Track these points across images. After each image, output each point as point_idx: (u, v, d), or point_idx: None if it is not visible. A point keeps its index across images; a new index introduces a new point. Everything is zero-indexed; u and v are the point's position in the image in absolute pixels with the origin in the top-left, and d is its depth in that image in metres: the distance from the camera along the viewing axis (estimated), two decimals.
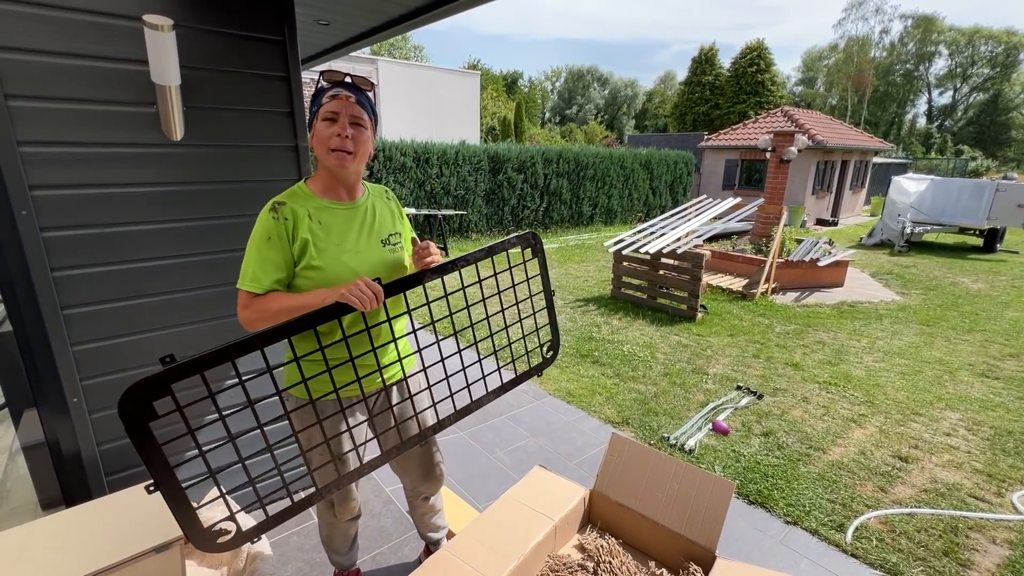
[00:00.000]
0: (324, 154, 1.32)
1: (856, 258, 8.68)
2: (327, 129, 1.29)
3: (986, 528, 2.33)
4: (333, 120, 1.29)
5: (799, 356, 4.39)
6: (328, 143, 1.29)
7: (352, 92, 1.31)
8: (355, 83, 1.33)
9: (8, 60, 1.48)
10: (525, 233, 1.50)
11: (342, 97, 1.29)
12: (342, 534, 1.73)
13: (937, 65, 41.93)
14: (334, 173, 1.35)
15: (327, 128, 1.29)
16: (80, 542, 1.40)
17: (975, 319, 5.63)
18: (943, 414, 3.43)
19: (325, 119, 1.30)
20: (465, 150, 10.23)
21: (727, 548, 2.14)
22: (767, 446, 2.97)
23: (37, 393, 1.71)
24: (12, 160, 1.51)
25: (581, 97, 49.97)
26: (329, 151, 1.30)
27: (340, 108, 1.29)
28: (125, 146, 1.70)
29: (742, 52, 29.32)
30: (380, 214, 1.46)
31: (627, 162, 13.32)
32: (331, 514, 1.65)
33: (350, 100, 1.30)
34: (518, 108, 26.91)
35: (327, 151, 1.30)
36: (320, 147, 1.32)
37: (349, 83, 1.33)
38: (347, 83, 1.32)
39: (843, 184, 15.85)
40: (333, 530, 1.71)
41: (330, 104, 1.29)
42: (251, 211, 2.00)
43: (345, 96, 1.30)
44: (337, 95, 1.30)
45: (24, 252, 1.57)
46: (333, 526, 1.69)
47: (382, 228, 1.45)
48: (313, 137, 1.33)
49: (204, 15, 1.76)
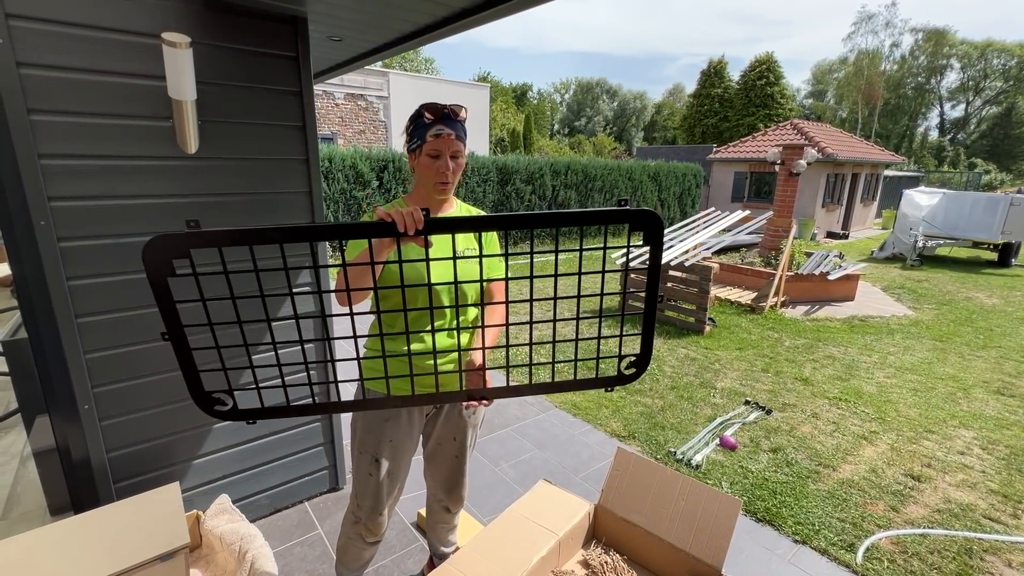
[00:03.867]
0: (429, 184, 1.45)
1: (867, 272, 8.59)
2: (432, 165, 1.42)
3: (1002, 551, 2.28)
4: (436, 157, 1.41)
5: (809, 371, 4.34)
6: (434, 178, 1.43)
7: (452, 128, 1.41)
8: (452, 115, 1.42)
9: (31, 76, 1.52)
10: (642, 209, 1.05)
11: (444, 136, 1.39)
12: (358, 554, 1.72)
13: (949, 78, 41.75)
14: (430, 195, 1.48)
15: (432, 164, 1.42)
16: (86, 549, 1.41)
17: (990, 335, 5.54)
18: (957, 432, 3.37)
19: (430, 155, 1.42)
20: (474, 161, 10.32)
21: (734, 567, 2.11)
22: (776, 462, 2.93)
23: (49, 399, 1.74)
24: (33, 172, 1.55)
25: (590, 109, 50.24)
26: (434, 183, 1.44)
27: (443, 147, 1.41)
28: (141, 159, 1.75)
29: (751, 65, 29.40)
30: None
31: (635, 174, 13.35)
32: (355, 531, 1.66)
33: (451, 138, 1.40)
34: (527, 120, 27.12)
35: (432, 183, 1.44)
36: (425, 178, 1.45)
37: (448, 119, 1.41)
38: (446, 120, 1.41)
39: (854, 197, 15.74)
40: (351, 545, 1.70)
41: (434, 143, 1.40)
42: (263, 222, 2.04)
43: (447, 135, 1.40)
44: (440, 135, 1.39)
45: (41, 261, 1.61)
46: (353, 542, 1.69)
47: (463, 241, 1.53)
48: (417, 164, 1.46)
49: (221, 33, 1.81)
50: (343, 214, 8.73)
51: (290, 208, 2.10)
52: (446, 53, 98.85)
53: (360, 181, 8.84)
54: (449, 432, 1.68)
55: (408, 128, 1.48)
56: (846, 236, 14.70)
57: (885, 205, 18.63)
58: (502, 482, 2.72)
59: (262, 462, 2.25)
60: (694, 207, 15.14)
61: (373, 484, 1.56)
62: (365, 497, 1.59)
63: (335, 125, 14.51)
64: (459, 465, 1.75)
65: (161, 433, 1.96)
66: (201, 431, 2.06)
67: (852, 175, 15.31)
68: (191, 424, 2.02)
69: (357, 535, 1.66)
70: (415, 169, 1.48)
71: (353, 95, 14.66)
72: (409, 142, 1.47)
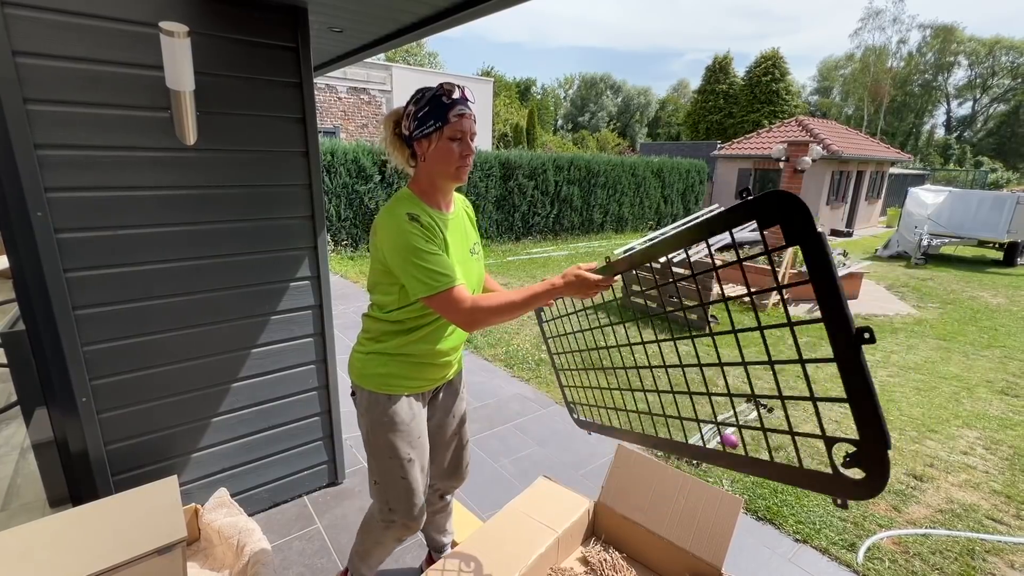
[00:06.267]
0: (449, 170, 1.33)
1: (871, 270, 8.54)
2: (454, 149, 1.31)
3: (1004, 551, 2.26)
4: (459, 140, 1.31)
5: (811, 368, 4.32)
6: (455, 162, 1.32)
7: (471, 110, 1.33)
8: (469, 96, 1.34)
9: (28, 65, 1.51)
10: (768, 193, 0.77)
11: (467, 115, 1.31)
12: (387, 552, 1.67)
13: (956, 76, 41.37)
14: (443, 186, 1.38)
15: (453, 148, 1.31)
16: (84, 542, 1.41)
17: (994, 335, 5.50)
18: (960, 432, 3.34)
19: (454, 138, 1.30)
20: (477, 156, 10.28)
21: (734, 565, 2.10)
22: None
23: (47, 392, 1.73)
24: (29, 162, 1.54)
25: (594, 104, 50.00)
26: (455, 168, 1.33)
27: (467, 128, 1.31)
28: (139, 150, 1.73)
29: (757, 61, 29.21)
30: (465, 224, 1.51)
31: (639, 170, 13.29)
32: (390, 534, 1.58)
33: (471, 118, 1.32)
34: (531, 115, 27.04)
35: (454, 168, 1.33)
36: (445, 164, 1.32)
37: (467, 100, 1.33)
38: (466, 100, 1.32)
39: (858, 195, 15.65)
40: (382, 548, 1.64)
41: (458, 123, 1.29)
42: (261, 215, 2.02)
43: (469, 115, 1.31)
44: (464, 113, 1.30)
45: (38, 253, 1.60)
46: (384, 546, 1.63)
47: (468, 238, 1.50)
48: (434, 150, 1.32)
49: (220, 23, 1.79)
50: (345, 208, 8.72)
51: (290, 201, 2.08)
52: (450, 47, 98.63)
53: (362, 175, 8.83)
54: (448, 408, 1.66)
55: (419, 110, 1.32)
56: (850, 234, 14.62)
57: (890, 203, 18.53)
58: (502, 478, 2.71)
59: (261, 456, 2.25)
60: (698, 204, 15.07)
61: (405, 484, 1.48)
62: (399, 500, 1.49)
63: (338, 119, 14.47)
64: (463, 439, 1.74)
65: (159, 426, 1.95)
66: (200, 424, 2.05)
67: (857, 172, 15.21)
68: (190, 417, 2.02)
69: (393, 538, 1.60)
70: (426, 156, 1.34)
71: (356, 89, 14.61)
72: (422, 126, 1.32)
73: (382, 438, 1.45)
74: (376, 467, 1.50)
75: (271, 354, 2.16)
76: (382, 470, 1.48)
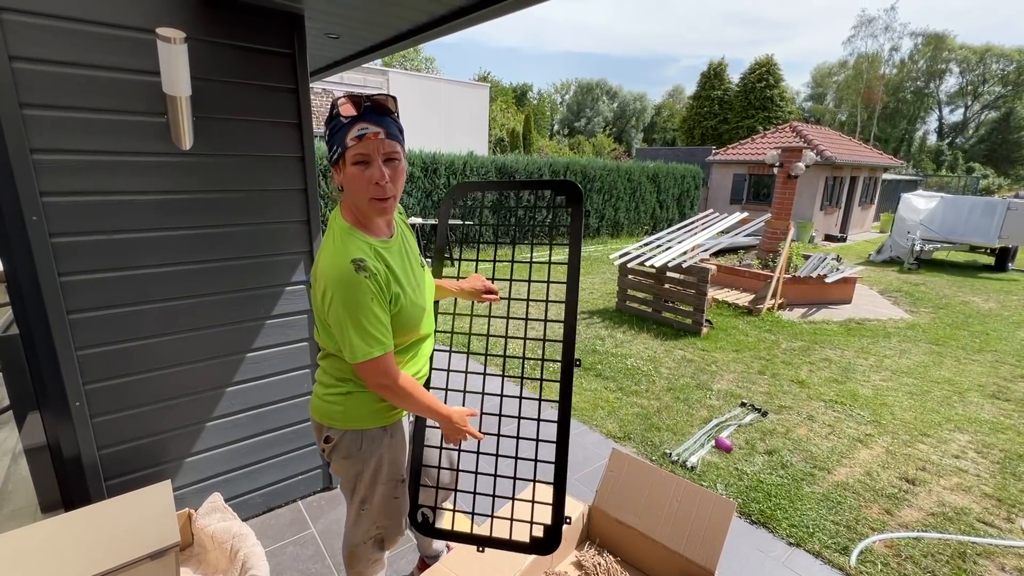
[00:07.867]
0: (363, 202, 1.16)
1: (864, 275, 8.59)
2: (362, 174, 1.12)
3: (995, 554, 2.28)
4: (366, 163, 1.12)
5: (805, 373, 4.34)
6: (366, 192, 1.13)
7: (379, 126, 1.11)
8: (377, 108, 1.12)
9: (25, 70, 1.51)
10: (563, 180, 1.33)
11: (370, 136, 1.10)
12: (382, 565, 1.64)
13: (948, 83, 41.82)
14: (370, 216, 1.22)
15: (361, 173, 1.12)
16: (76, 547, 1.40)
17: (986, 339, 5.55)
18: (952, 436, 3.37)
19: (356, 163, 1.12)
20: (473, 161, 10.31)
21: (727, 569, 2.10)
22: (771, 465, 2.92)
23: (40, 396, 1.73)
24: (25, 167, 1.54)
25: (590, 110, 50.20)
26: (369, 200, 1.15)
27: (370, 149, 1.11)
28: (135, 155, 1.73)
29: (751, 67, 29.45)
30: (407, 237, 1.40)
31: (634, 175, 13.35)
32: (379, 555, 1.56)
33: (379, 137, 1.11)
34: (527, 120, 27.12)
35: (366, 200, 1.15)
36: (357, 194, 1.15)
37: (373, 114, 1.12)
38: (370, 115, 1.11)
39: (852, 200, 15.77)
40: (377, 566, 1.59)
41: (357, 147, 1.10)
42: (257, 219, 2.03)
43: (373, 134, 1.10)
44: (364, 134, 1.10)
45: (33, 257, 1.60)
46: (379, 562, 1.59)
47: (413, 251, 1.40)
48: (344, 178, 1.15)
49: (216, 28, 1.80)
50: None
51: (285, 205, 2.09)
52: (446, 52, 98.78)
53: None
54: None
55: (325, 133, 1.16)
56: (844, 239, 14.72)
57: (883, 208, 18.67)
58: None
59: (255, 461, 2.24)
60: (693, 209, 15.15)
61: (396, 505, 1.47)
62: (389, 517, 1.47)
63: None
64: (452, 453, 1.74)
65: (153, 430, 1.95)
66: (193, 429, 2.05)
67: (851, 178, 15.33)
68: (183, 422, 2.01)
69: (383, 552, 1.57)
70: (342, 186, 1.17)
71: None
72: (330, 151, 1.15)
73: (383, 472, 1.39)
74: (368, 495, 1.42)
75: (265, 358, 2.16)
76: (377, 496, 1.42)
